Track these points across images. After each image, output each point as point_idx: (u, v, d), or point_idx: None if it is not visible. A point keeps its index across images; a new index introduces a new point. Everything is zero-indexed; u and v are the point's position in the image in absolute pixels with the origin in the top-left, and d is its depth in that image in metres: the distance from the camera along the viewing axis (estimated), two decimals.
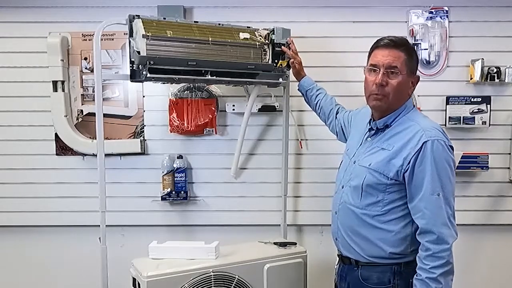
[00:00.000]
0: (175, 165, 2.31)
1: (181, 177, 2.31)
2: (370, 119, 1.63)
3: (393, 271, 1.53)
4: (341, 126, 1.96)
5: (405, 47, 1.52)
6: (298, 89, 2.14)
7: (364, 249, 1.56)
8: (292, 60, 2.07)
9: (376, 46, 1.56)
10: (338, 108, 2.03)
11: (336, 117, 2.01)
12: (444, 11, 2.30)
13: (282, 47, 2.07)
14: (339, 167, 1.73)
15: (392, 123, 1.56)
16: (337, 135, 2.03)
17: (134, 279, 1.78)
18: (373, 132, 1.61)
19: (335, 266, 1.75)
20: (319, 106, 2.07)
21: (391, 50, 1.51)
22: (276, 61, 2.08)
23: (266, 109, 2.29)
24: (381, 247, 1.53)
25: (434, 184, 1.42)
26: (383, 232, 1.52)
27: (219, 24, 2.01)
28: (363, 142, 1.64)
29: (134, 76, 1.87)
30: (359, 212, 1.56)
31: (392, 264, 1.53)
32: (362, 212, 1.55)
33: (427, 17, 2.30)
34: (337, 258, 1.72)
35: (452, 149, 1.48)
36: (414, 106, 1.61)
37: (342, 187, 1.64)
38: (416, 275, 1.45)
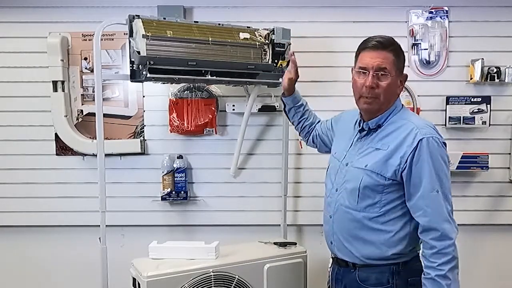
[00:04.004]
0: (175, 165, 2.31)
1: (181, 177, 2.31)
2: (359, 120, 1.62)
3: (391, 271, 1.52)
4: (322, 136, 1.91)
5: (392, 47, 1.51)
6: (285, 98, 1.92)
7: (362, 252, 1.55)
8: (293, 69, 1.88)
9: (364, 47, 1.53)
10: (318, 122, 1.97)
11: (314, 130, 1.95)
12: (444, 11, 2.30)
13: (292, 57, 1.87)
14: (327, 171, 1.71)
15: (384, 123, 1.55)
16: (316, 146, 1.97)
17: (134, 279, 1.78)
18: (364, 132, 1.59)
19: (328, 269, 1.73)
20: (302, 125, 1.97)
21: (379, 52, 1.49)
22: (276, 61, 2.08)
23: (266, 109, 2.29)
24: (381, 248, 1.52)
25: (432, 181, 1.42)
26: (383, 233, 1.51)
27: (219, 24, 2.01)
28: (354, 143, 1.62)
29: (134, 76, 1.87)
30: (357, 215, 1.54)
31: (391, 264, 1.52)
32: (360, 214, 1.54)
33: (427, 17, 2.30)
34: (331, 261, 1.70)
35: (445, 146, 1.49)
36: (403, 105, 1.60)
37: (336, 190, 1.62)
38: (424, 274, 1.44)
